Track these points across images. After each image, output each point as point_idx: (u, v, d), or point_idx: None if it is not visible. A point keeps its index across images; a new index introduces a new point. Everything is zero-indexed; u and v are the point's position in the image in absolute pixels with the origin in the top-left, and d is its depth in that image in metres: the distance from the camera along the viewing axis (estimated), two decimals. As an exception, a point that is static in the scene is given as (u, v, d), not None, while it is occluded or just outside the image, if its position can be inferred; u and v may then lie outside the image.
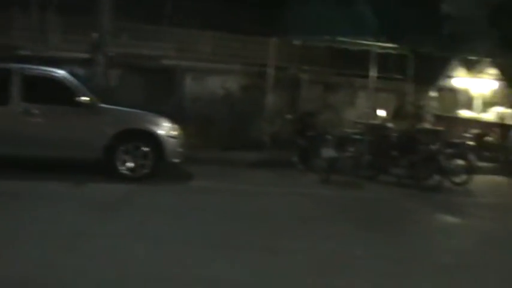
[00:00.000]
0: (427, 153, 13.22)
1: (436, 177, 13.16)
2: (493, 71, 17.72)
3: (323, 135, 13.30)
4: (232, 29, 17.45)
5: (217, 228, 8.68)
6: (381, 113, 16.06)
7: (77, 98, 11.23)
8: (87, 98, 11.29)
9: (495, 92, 18.87)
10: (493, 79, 18.33)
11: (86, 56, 14.53)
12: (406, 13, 14.45)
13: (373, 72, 14.89)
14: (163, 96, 15.99)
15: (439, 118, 18.54)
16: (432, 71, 18.24)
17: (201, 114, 15.82)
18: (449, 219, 11.20)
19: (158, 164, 11.68)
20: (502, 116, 17.71)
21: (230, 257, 7.31)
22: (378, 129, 14.51)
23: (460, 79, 18.91)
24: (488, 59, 17.07)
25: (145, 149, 11.54)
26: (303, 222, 9.52)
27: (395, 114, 17.85)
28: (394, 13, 14.35)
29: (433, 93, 18.96)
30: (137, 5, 16.59)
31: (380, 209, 11.23)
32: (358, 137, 14.31)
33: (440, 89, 19.20)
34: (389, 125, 15.33)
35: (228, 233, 8.45)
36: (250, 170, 13.88)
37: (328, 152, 12.80)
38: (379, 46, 15.34)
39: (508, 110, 17.97)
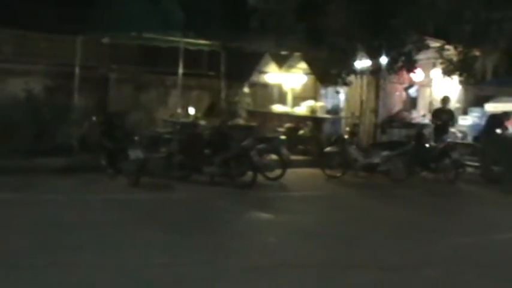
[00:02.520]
0: (239, 150, 12.96)
1: (250, 174, 12.91)
2: (303, 65, 17.88)
3: (131, 136, 12.63)
4: (36, 28, 16.29)
5: (13, 244, 7.77)
6: (192, 111, 15.63)
7: None
8: None
9: (306, 86, 19.11)
10: (304, 73, 18.53)
11: None
12: (213, 7, 14.13)
13: (182, 70, 14.38)
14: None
15: (252, 114, 18.55)
16: (244, 67, 18.12)
17: (0, 119, 14.54)
18: (264, 216, 10.94)
19: None
20: (313, 110, 17.93)
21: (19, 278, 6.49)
22: (189, 127, 14.07)
23: (272, 74, 18.96)
24: (297, 54, 17.16)
25: None
26: (107, 231, 8.79)
27: (209, 112, 17.58)
28: (201, 7, 13.98)
29: (245, 89, 18.87)
30: None
31: (192, 211, 10.75)
32: (169, 136, 13.79)
33: (253, 85, 19.17)
34: (202, 122, 14.98)
35: (19, 251, 7.56)
36: (57, 177, 12.82)
37: (136, 154, 12.14)
38: (189, 42, 14.95)
39: (319, 103, 18.25)
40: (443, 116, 16.84)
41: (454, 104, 19.30)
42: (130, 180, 12.20)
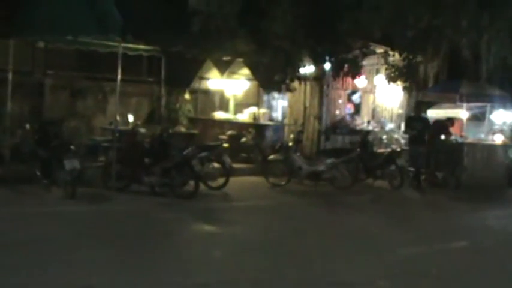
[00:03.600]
0: (181, 159, 12.50)
1: (192, 183, 12.45)
2: (245, 71, 17.53)
3: (67, 145, 12.01)
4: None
5: None
6: (131, 118, 15.10)
7: None
8: None
9: (248, 93, 18.80)
10: (246, 79, 18.20)
11: None
12: (153, 10, 13.61)
13: (121, 75, 13.78)
14: None
15: (194, 121, 18.16)
16: (185, 73, 17.72)
17: None
18: (207, 228, 10.45)
19: None
20: (255, 116, 17.61)
21: None
22: (128, 135, 13.53)
23: (214, 80, 18.58)
24: (240, 59, 16.80)
25: None
26: (38, 247, 8.20)
27: (149, 119, 17.11)
28: (140, 10, 13.45)
29: (187, 96, 18.44)
30: None
31: (130, 224, 10.16)
32: (107, 145, 13.22)
33: (194, 91, 18.77)
34: (142, 130, 14.47)
35: None
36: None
37: (72, 164, 11.51)
38: (128, 47, 14.43)
39: (262, 110, 17.94)
40: (417, 125, 15.78)
41: (397, 111, 19.30)
42: (66, 191, 11.56)
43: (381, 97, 19.46)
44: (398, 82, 17.95)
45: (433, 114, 19.22)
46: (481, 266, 8.53)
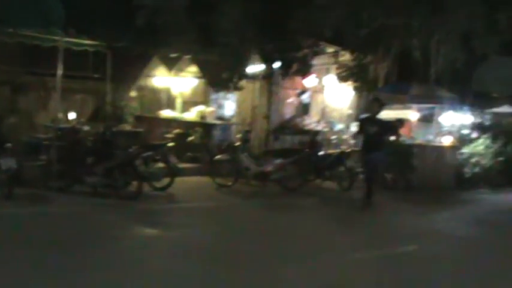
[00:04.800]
0: (124, 158, 12.07)
1: (136, 184, 12.03)
2: (193, 68, 17.16)
3: (3, 143, 11.43)
4: None
5: None
6: (73, 115, 14.58)
7: None
8: None
9: (196, 91, 18.45)
10: (194, 77, 17.83)
11: None
12: (98, 3, 13.16)
13: (64, 71, 13.22)
14: None
15: (139, 119, 17.73)
16: (131, 70, 17.32)
17: None
18: (151, 232, 10.00)
19: None
20: (203, 115, 17.26)
21: None
22: (70, 133, 13.02)
23: (161, 78, 18.17)
24: (187, 56, 16.41)
25: None
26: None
27: (93, 117, 16.60)
28: (85, 3, 12.99)
29: (133, 93, 17.99)
30: None
31: (70, 227, 9.66)
32: (48, 143, 12.69)
33: (141, 89, 18.34)
34: (85, 128, 13.98)
35: None
36: None
37: (8, 163, 10.93)
38: (72, 42, 13.92)
39: (209, 109, 17.60)
40: (371, 128, 13.13)
41: (346, 111, 19.15)
42: (3, 192, 11.00)
43: (330, 97, 19.30)
44: (349, 82, 17.80)
45: (382, 115, 19.14)
46: (429, 274, 8.29)
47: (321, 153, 15.28)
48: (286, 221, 11.40)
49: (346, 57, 17.40)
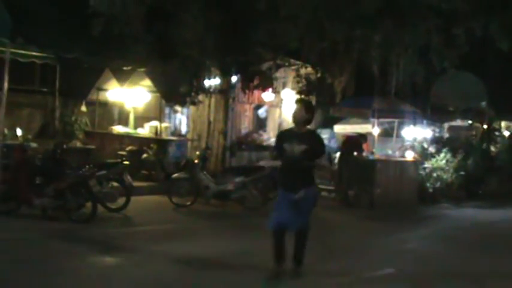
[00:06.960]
0: (76, 178, 11.25)
1: (89, 205, 11.22)
2: (147, 82, 16.42)
3: None
4: None
5: None
6: (20, 132, 13.70)
7: None
8: None
9: (150, 105, 17.74)
10: (148, 91, 17.09)
11: None
12: (47, 11, 12.35)
13: (9, 84, 12.29)
14: None
15: (90, 135, 16.93)
16: (82, 83, 16.59)
17: None
18: (106, 260, 9.09)
19: None
20: (157, 131, 16.53)
21: None
22: (16, 151, 12.10)
23: (113, 91, 17.37)
24: (141, 69, 15.67)
25: None
26: None
27: (41, 133, 15.73)
28: (33, 11, 12.18)
29: (83, 108, 17.14)
30: None
31: (16, 256, 8.74)
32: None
33: (92, 103, 17.50)
34: (32, 145, 13.13)
35: None
36: None
37: None
38: (18, 53, 13.07)
39: (164, 124, 16.88)
40: (295, 147, 8.11)
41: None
42: None
43: (287, 111, 18.78)
44: (310, 97, 17.31)
45: (340, 129, 18.80)
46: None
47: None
48: (252, 244, 10.47)
49: (307, 70, 16.93)
